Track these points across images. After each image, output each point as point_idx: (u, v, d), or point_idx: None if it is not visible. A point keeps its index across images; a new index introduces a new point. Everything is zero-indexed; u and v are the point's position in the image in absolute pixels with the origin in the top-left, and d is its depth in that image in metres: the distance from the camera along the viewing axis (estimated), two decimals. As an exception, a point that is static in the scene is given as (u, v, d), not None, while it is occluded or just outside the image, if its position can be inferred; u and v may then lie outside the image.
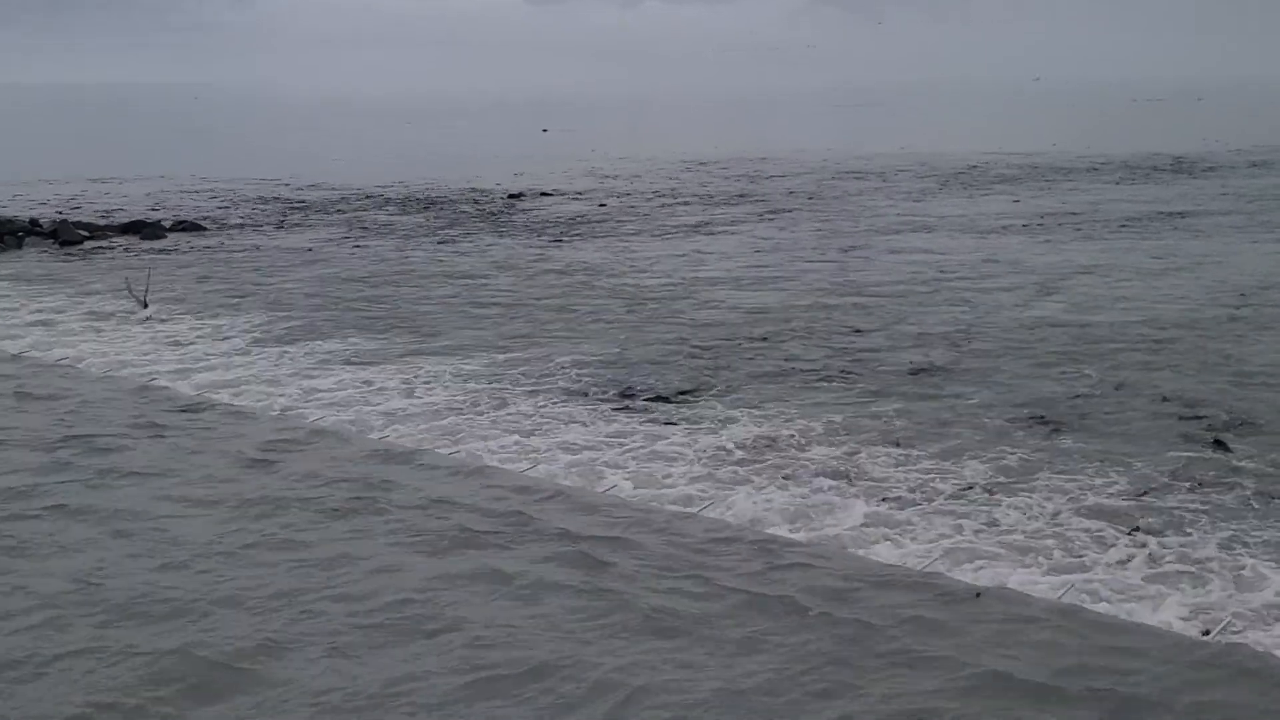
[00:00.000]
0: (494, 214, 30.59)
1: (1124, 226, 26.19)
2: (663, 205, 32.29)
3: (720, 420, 11.73)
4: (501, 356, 14.65)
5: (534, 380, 13.43)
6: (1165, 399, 12.16)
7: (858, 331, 15.70)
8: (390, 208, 32.30)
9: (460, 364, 14.28)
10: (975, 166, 42.49)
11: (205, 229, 28.09)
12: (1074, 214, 28.56)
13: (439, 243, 25.26)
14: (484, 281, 20.32)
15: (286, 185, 38.71)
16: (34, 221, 26.77)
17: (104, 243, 25.68)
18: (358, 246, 24.91)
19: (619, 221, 28.77)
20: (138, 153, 56.50)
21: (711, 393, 12.74)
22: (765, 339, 15.34)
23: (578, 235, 26.34)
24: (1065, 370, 13.41)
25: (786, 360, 14.14)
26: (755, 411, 11.95)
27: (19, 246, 24.86)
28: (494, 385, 13.27)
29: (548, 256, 23.14)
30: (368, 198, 34.82)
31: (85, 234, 26.29)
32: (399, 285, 20.06)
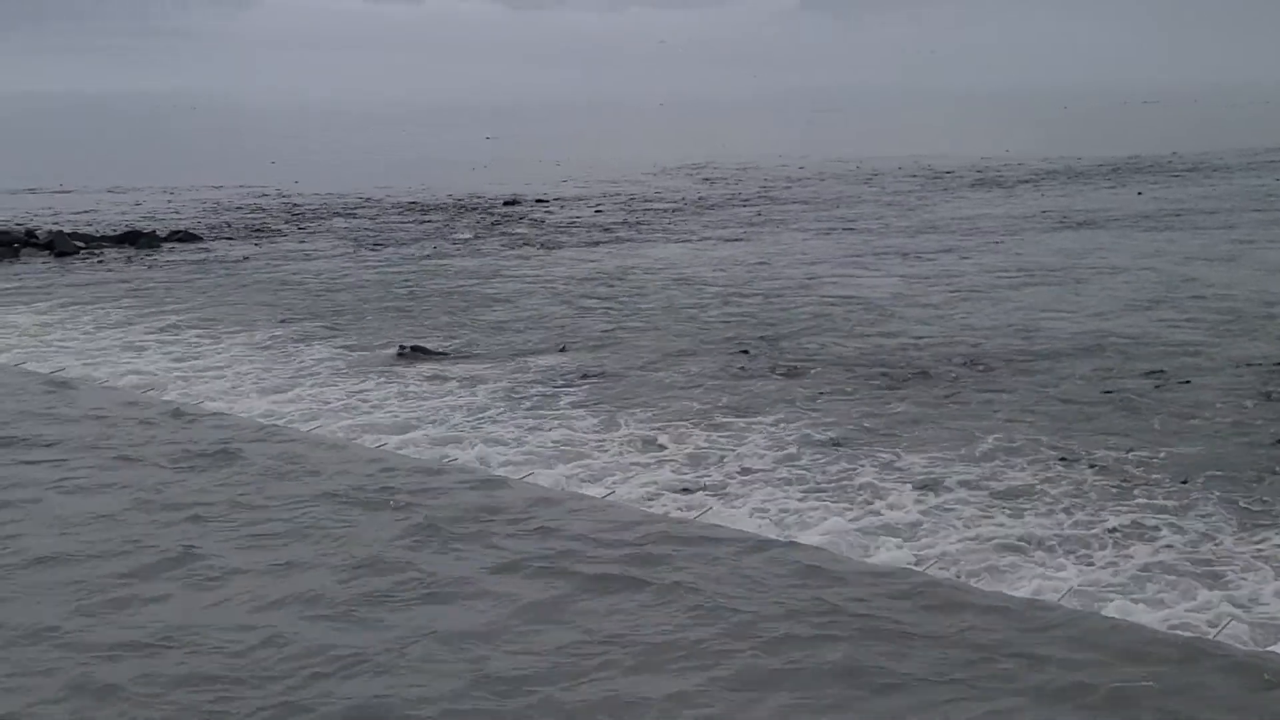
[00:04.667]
0: (507, 220, 29.91)
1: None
2: (671, 210, 31.74)
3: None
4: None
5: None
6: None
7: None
8: (394, 214, 31.59)
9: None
10: (950, 171, 42.34)
11: (201, 238, 27.50)
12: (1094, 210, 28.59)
13: (463, 250, 24.55)
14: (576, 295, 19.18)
15: (273, 194, 37.85)
16: (30, 232, 26.06)
17: (100, 253, 25.15)
18: (416, 253, 24.26)
19: (638, 226, 28.26)
20: (110, 162, 55.27)
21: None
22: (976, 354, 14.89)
23: (615, 240, 25.89)
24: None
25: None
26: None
27: (15, 257, 24.23)
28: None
29: (609, 263, 22.52)
30: (361, 203, 34.12)
31: (81, 245, 25.66)
32: (487, 293, 19.34)
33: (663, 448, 11.04)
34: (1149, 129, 69.78)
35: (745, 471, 10.30)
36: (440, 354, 15.08)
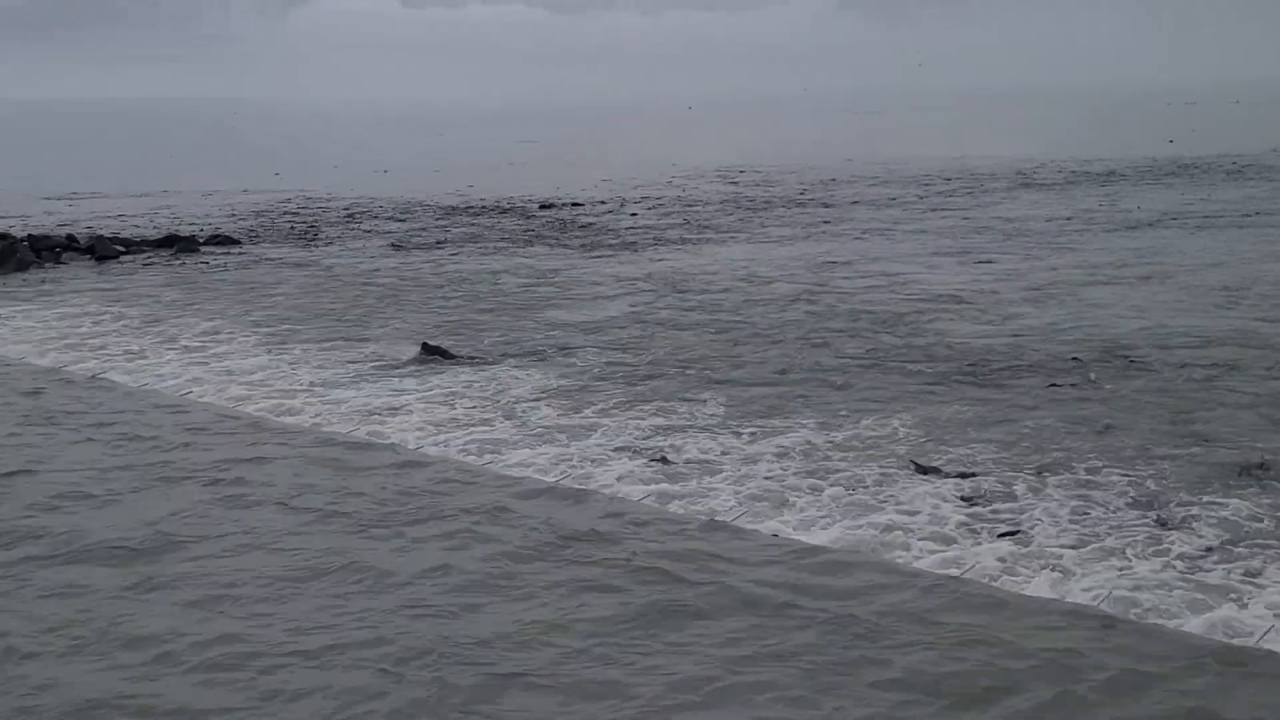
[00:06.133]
0: (550, 224, 29.50)
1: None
2: (715, 213, 31.28)
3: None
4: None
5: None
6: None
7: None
8: (433, 217, 31.19)
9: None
10: (991, 173, 41.79)
11: (239, 242, 27.20)
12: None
13: (520, 254, 24.10)
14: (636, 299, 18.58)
15: (316, 196, 37.54)
16: (71, 237, 25.75)
17: (144, 255, 24.98)
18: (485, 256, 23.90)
19: (685, 228, 27.78)
20: (148, 168, 54.84)
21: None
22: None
23: (665, 242, 25.44)
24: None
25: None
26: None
27: (57, 262, 23.98)
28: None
29: (668, 265, 21.97)
30: (402, 207, 33.67)
31: (121, 249, 25.41)
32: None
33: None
34: (1187, 129, 69.17)
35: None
36: (465, 357, 14.61)
